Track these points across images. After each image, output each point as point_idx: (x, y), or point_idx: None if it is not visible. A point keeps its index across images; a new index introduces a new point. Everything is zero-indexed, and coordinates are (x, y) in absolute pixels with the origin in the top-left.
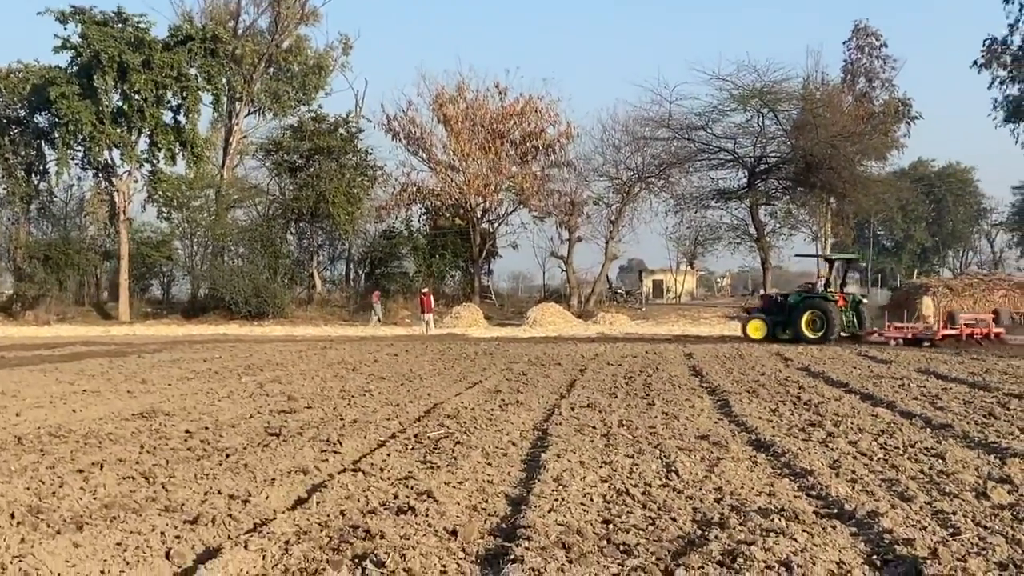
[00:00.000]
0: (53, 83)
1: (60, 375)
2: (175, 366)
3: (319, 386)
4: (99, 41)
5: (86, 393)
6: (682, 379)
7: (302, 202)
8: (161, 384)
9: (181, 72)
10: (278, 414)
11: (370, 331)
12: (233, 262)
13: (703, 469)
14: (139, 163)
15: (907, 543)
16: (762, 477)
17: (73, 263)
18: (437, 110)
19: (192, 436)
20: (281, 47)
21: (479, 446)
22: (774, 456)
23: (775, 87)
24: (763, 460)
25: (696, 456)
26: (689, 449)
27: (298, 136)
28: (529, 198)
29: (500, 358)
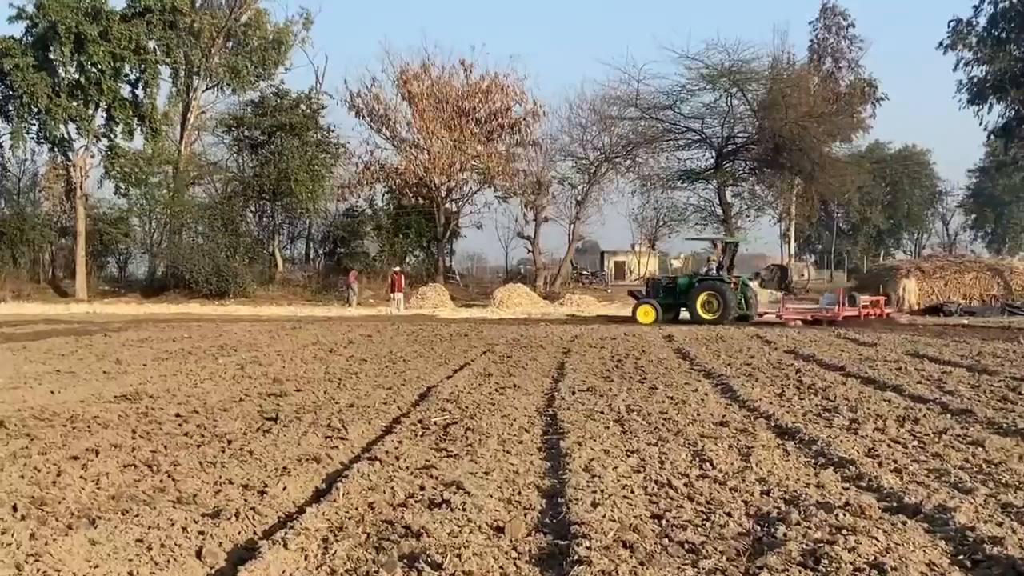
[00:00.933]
0: (7, 54)
1: (28, 354)
2: (145, 346)
3: (301, 368)
4: (55, 11)
5: (60, 373)
6: (671, 362)
7: (263, 179)
8: (136, 364)
9: (140, 45)
10: (268, 397)
11: (348, 311)
12: (192, 240)
13: (737, 458)
14: (96, 138)
15: (995, 541)
16: (799, 466)
17: (28, 239)
18: (402, 87)
19: (185, 420)
20: (240, 21)
21: (491, 433)
22: (804, 444)
23: (744, 67)
24: (793, 448)
25: (723, 444)
26: (713, 436)
27: (259, 112)
28: (494, 177)
29: (477, 340)
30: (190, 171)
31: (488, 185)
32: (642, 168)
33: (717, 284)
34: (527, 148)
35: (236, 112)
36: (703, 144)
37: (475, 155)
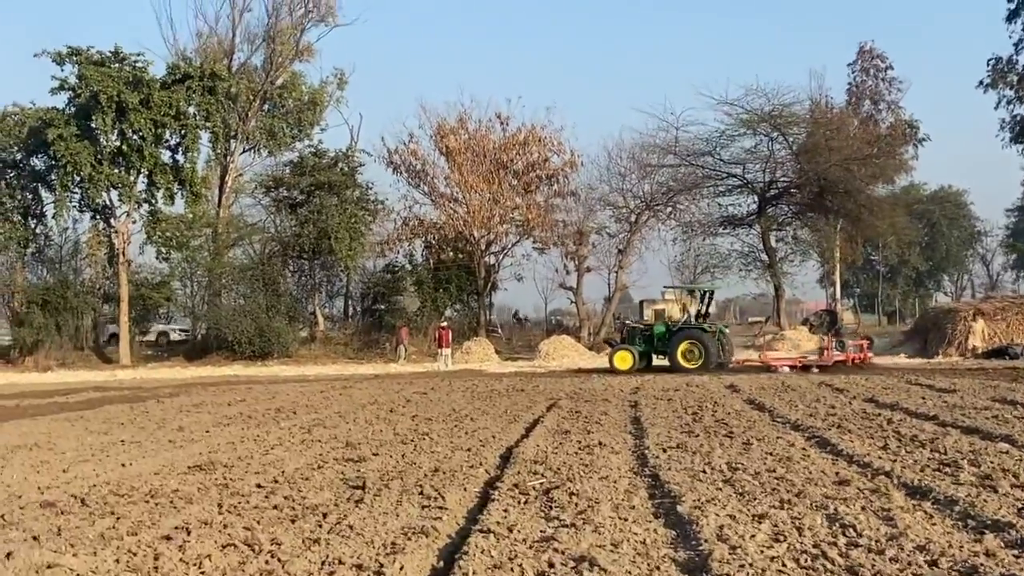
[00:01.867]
0: (51, 125)
1: (88, 424)
2: (202, 411)
3: (368, 430)
4: (97, 81)
5: (126, 444)
6: (750, 414)
7: (303, 238)
8: (199, 431)
9: (180, 111)
10: (346, 463)
11: (395, 368)
12: (234, 301)
13: (879, 523)
14: (138, 203)
15: None
16: (952, 531)
17: (71, 307)
18: (439, 142)
19: (270, 492)
20: (275, 84)
21: (597, 497)
22: (943, 504)
23: (784, 111)
24: (932, 509)
25: (855, 506)
26: (840, 497)
27: (298, 172)
28: (533, 229)
29: (536, 394)
30: (229, 233)
31: (527, 237)
32: (683, 215)
33: (697, 332)
34: (566, 198)
35: (275, 173)
36: (745, 189)
37: (514, 207)
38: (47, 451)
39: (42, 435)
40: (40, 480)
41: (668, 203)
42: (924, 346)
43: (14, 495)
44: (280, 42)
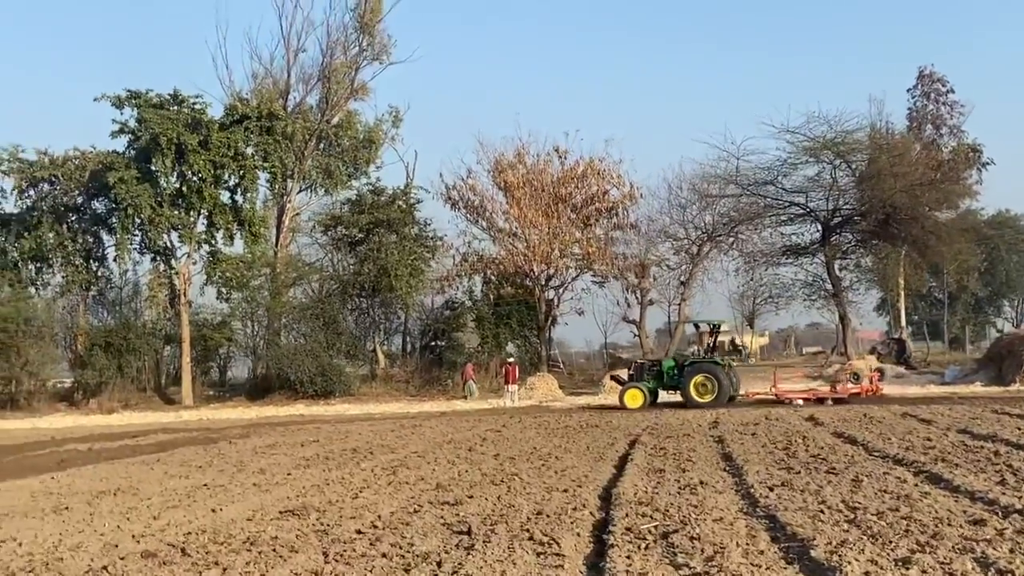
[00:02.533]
0: (111, 168)
1: (166, 468)
2: (277, 452)
3: (453, 470)
4: (157, 124)
5: (210, 488)
6: (844, 447)
7: (363, 276)
8: (280, 474)
9: (238, 151)
10: (442, 506)
11: (463, 405)
12: (295, 340)
13: None
14: (198, 244)
15: None
16: None
17: (134, 348)
18: (497, 177)
19: (375, 539)
20: (331, 123)
21: (719, 541)
22: None
23: (848, 137)
24: None
25: (1004, 548)
26: (984, 539)
27: (357, 210)
28: (593, 262)
29: (612, 430)
30: (288, 273)
31: (587, 270)
32: (745, 245)
33: (709, 366)
34: (625, 231)
35: (333, 211)
36: (807, 218)
37: (573, 241)
38: (132, 496)
39: (122, 479)
40: (132, 528)
41: (730, 233)
42: (999, 374)
43: (110, 544)
44: (335, 81)
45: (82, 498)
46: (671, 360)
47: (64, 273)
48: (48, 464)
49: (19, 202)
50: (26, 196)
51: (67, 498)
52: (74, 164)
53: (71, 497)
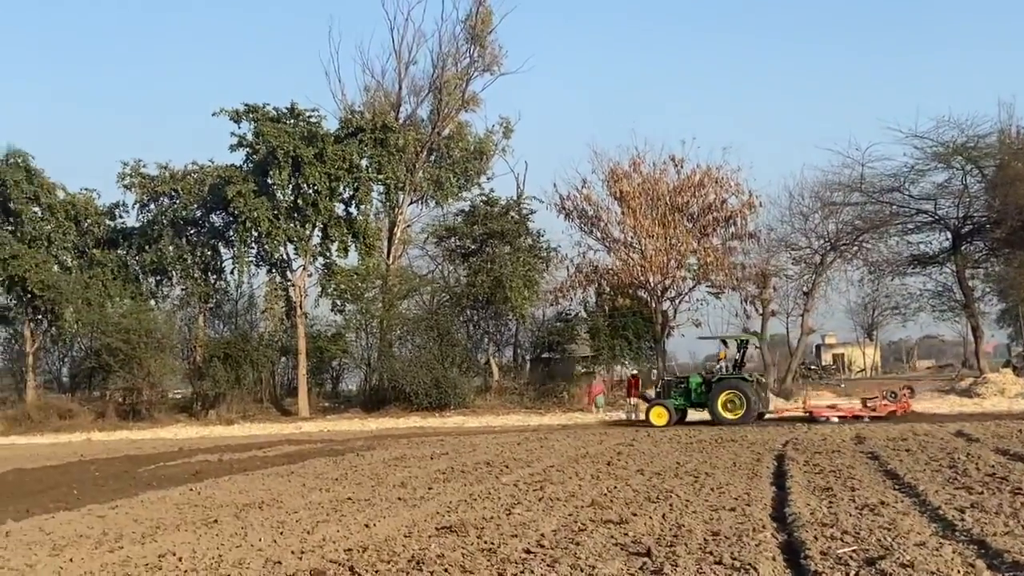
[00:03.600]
0: (230, 182)
1: (303, 480)
2: (410, 465)
3: (601, 486)
4: (274, 137)
5: (354, 502)
6: (1015, 464)
7: (477, 288)
8: (421, 488)
9: (353, 164)
10: (605, 524)
11: (591, 418)
12: (410, 353)
13: None
14: (313, 257)
15: None
16: None
17: (251, 360)
18: (612, 186)
19: (551, 560)
20: (442, 135)
21: (934, 569)
22: None
23: (980, 142)
24: None
25: None
26: None
27: (470, 221)
28: (710, 273)
29: (747, 444)
30: (401, 285)
31: (704, 281)
32: (870, 254)
33: (737, 382)
34: (744, 241)
35: (447, 222)
36: (936, 226)
37: (692, 251)
38: (277, 509)
39: (262, 492)
40: (289, 543)
41: (854, 242)
42: None
43: (272, 560)
44: (446, 93)
45: (228, 511)
46: (698, 376)
47: (183, 286)
48: (183, 475)
49: (140, 216)
50: (147, 210)
51: (213, 511)
52: (193, 178)
53: (217, 510)
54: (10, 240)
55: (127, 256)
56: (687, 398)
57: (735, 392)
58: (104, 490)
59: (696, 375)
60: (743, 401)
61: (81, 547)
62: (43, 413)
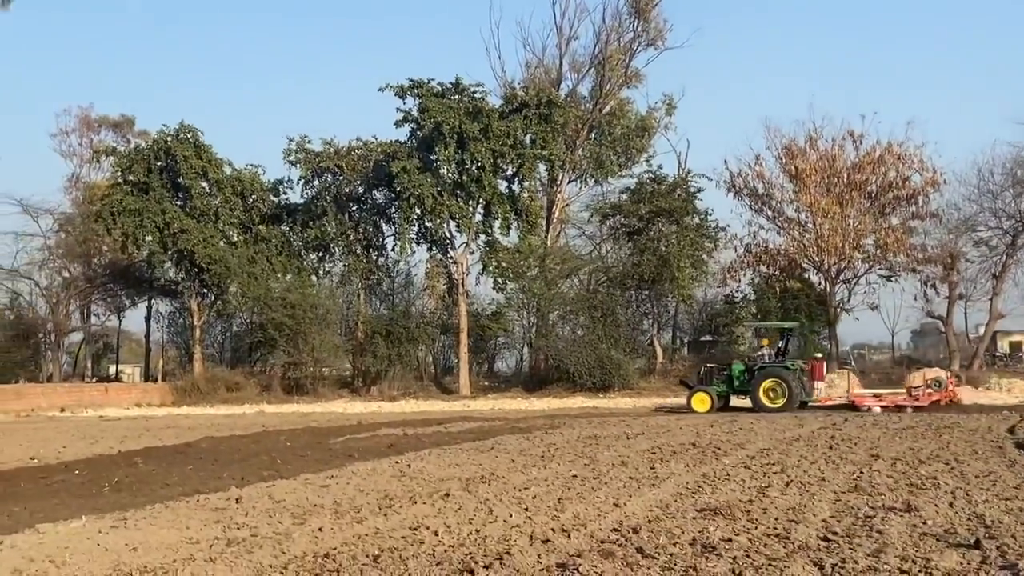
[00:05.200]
0: (394, 157)
1: (509, 456)
2: (614, 444)
3: (841, 471)
4: (439, 112)
5: (581, 479)
6: None
7: (643, 267)
8: (643, 467)
9: (517, 139)
10: (890, 511)
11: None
12: (573, 332)
13: None
14: (475, 234)
15: None
16: None
17: (413, 337)
18: (786, 163)
19: (869, 550)
20: (603, 111)
21: None
22: None
23: None
24: None
25: None
26: None
27: (636, 199)
28: (888, 254)
29: (971, 433)
30: (564, 264)
31: (882, 263)
32: None
33: (780, 370)
34: (925, 220)
35: (611, 200)
36: None
37: (872, 230)
38: (504, 484)
39: (475, 466)
40: (543, 520)
41: None
42: None
43: (537, 539)
44: (609, 68)
45: (453, 484)
46: (740, 364)
47: (345, 262)
48: (378, 448)
49: (304, 192)
50: (311, 186)
51: (436, 484)
52: (357, 154)
53: (440, 483)
54: (179, 215)
55: (290, 232)
56: (729, 385)
57: (777, 380)
58: (308, 460)
59: (739, 362)
60: (785, 389)
61: (322, 516)
62: (211, 385)
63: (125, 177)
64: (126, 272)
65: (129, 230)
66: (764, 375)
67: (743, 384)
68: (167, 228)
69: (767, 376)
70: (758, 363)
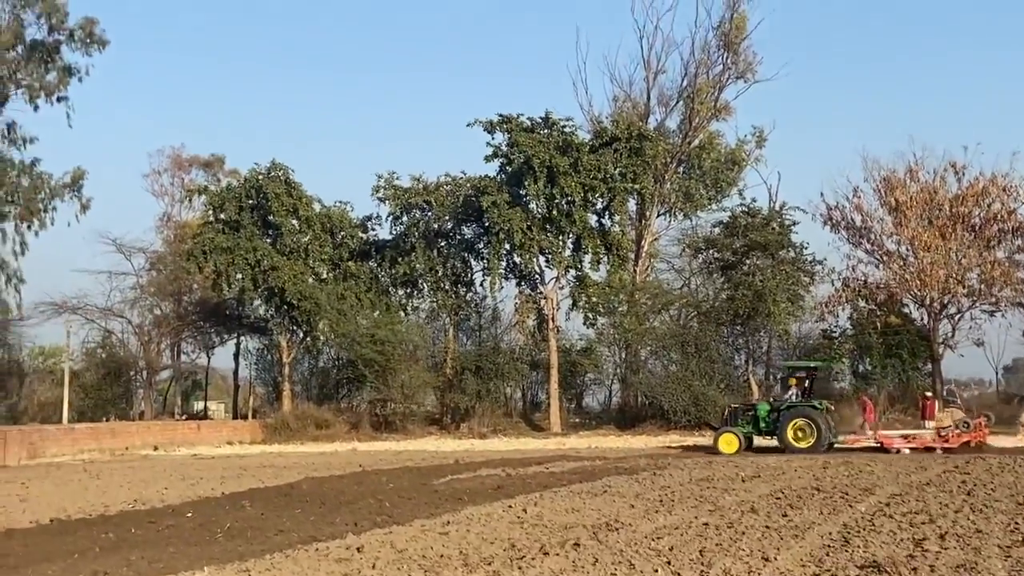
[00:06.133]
0: (484, 192)
1: (625, 500)
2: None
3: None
4: (529, 147)
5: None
6: None
7: (738, 302)
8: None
9: (608, 173)
10: None
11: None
12: (665, 369)
13: None
14: (566, 269)
15: None
16: None
17: (503, 373)
18: (886, 195)
19: None
20: (692, 144)
21: None
22: None
23: None
24: None
25: None
26: None
27: (729, 232)
28: (994, 288)
29: None
30: (656, 299)
31: (987, 297)
32: None
33: (808, 410)
34: None
35: (704, 234)
36: None
37: (977, 264)
38: (632, 533)
39: (594, 512)
40: None
41: None
42: None
43: None
44: (698, 102)
45: (581, 533)
46: (766, 404)
47: (433, 298)
48: (484, 490)
49: (392, 229)
50: (399, 222)
51: (561, 532)
52: (445, 189)
53: (565, 531)
54: (270, 252)
55: (378, 268)
56: (755, 425)
57: (807, 420)
58: (417, 504)
59: (764, 403)
60: (814, 430)
61: (452, 569)
62: (301, 422)
63: (217, 215)
64: (216, 310)
65: (221, 267)
66: (793, 414)
67: (769, 425)
68: (258, 265)
69: (796, 415)
70: (785, 403)
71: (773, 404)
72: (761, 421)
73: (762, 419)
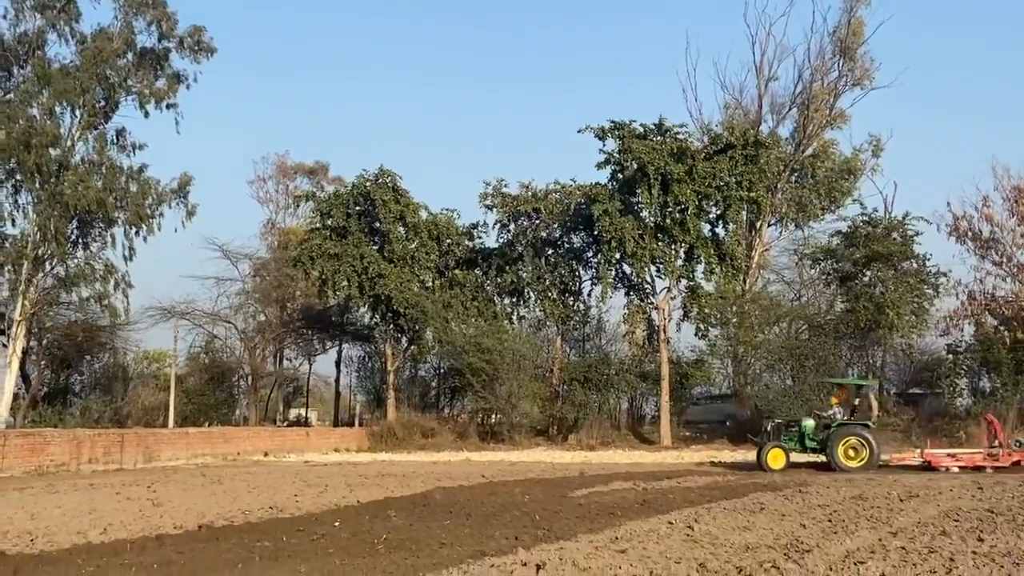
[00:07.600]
0: (596, 200)
1: (789, 518)
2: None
3: None
4: (643, 154)
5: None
6: None
7: (858, 314)
8: (967, 536)
9: (723, 181)
10: None
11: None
12: (782, 382)
13: None
14: (677, 278)
15: None
16: None
17: (612, 385)
18: (1019, 204)
19: None
20: (805, 153)
21: None
22: None
23: None
24: None
25: None
26: None
27: (849, 243)
28: None
29: None
30: (770, 310)
31: None
32: None
33: (860, 429)
34: None
35: (823, 244)
36: None
37: None
38: (825, 555)
39: (764, 531)
40: None
41: None
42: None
43: None
44: (812, 109)
45: (770, 555)
46: (811, 420)
47: (540, 307)
48: (630, 504)
49: (500, 236)
50: (506, 230)
51: (743, 552)
52: (555, 197)
53: (747, 552)
54: (377, 259)
55: (484, 277)
56: (800, 442)
57: (860, 438)
58: (567, 518)
59: (808, 419)
60: (867, 449)
61: None
62: (406, 431)
63: (324, 222)
64: (319, 317)
65: (327, 274)
66: (843, 433)
67: (814, 441)
68: (364, 272)
69: (848, 434)
70: (832, 420)
71: (819, 421)
72: (807, 438)
73: (808, 435)
